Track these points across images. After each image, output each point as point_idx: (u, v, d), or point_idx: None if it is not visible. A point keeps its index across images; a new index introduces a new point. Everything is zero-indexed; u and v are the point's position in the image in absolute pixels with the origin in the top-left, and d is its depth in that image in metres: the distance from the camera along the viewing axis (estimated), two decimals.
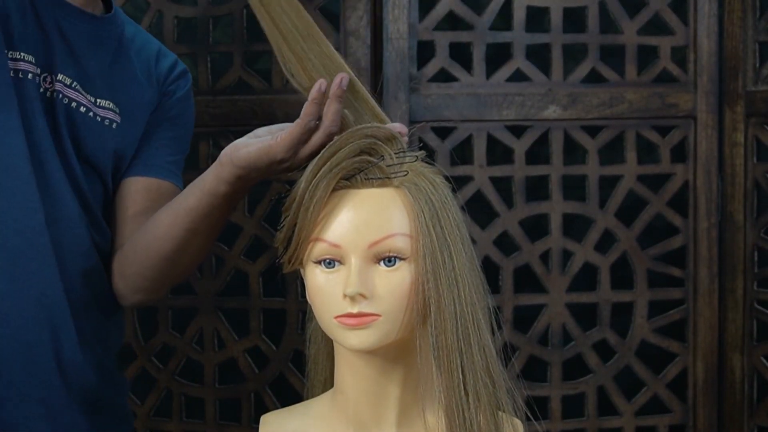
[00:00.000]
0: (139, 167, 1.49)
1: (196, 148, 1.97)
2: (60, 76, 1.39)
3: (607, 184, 2.01)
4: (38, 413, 1.36)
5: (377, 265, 1.09)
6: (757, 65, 1.99)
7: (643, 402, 2.02)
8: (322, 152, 1.10)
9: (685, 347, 2.02)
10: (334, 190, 1.10)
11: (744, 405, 2.00)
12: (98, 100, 1.42)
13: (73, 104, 1.39)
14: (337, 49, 1.93)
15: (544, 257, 1.99)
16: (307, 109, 1.16)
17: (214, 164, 1.26)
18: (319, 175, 1.09)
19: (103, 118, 1.43)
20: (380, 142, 1.10)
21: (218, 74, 2.00)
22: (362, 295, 1.07)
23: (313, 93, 1.16)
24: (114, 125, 1.44)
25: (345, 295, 1.08)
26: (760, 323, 2.00)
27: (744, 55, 1.98)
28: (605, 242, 2.00)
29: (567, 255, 2.00)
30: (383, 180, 1.09)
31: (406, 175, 1.09)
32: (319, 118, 1.17)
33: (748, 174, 1.99)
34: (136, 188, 1.48)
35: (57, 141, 1.37)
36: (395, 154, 1.10)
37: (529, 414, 1.16)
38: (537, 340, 1.99)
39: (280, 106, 1.95)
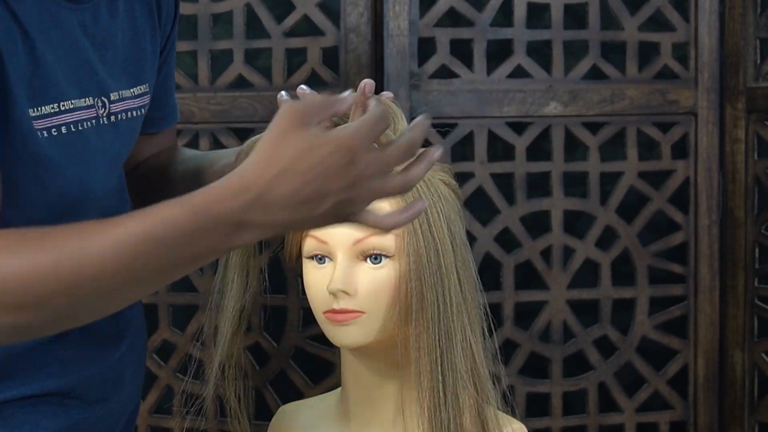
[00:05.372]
0: (163, 121, 1.38)
1: (196, 145, 1.97)
2: (113, 95, 1.17)
3: (608, 180, 2.01)
4: None
5: (364, 262, 1.09)
6: (758, 61, 1.99)
7: (644, 398, 2.02)
8: None
9: (686, 344, 2.02)
10: None
11: (745, 401, 2.00)
12: (133, 89, 1.22)
13: (132, 113, 1.22)
14: (337, 46, 1.95)
15: (545, 254, 1.99)
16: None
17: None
18: None
19: (143, 106, 1.25)
20: None
21: (218, 71, 2.00)
22: (345, 292, 1.08)
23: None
24: (145, 108, 1.26)
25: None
26: (761, 320, 2.00)
27: (745, 52, 1.98)
28: (606, 239, 2.00)
29: (568, 251, 2.00)
30: None
31: None
32: None
33: (748, 170, 1.99)
34: (158, 141, 1.39)
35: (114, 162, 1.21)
36: None
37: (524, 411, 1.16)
38: (538, 337, 1.99)
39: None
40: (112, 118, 1.17)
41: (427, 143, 1.94)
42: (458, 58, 1.96)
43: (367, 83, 1.10)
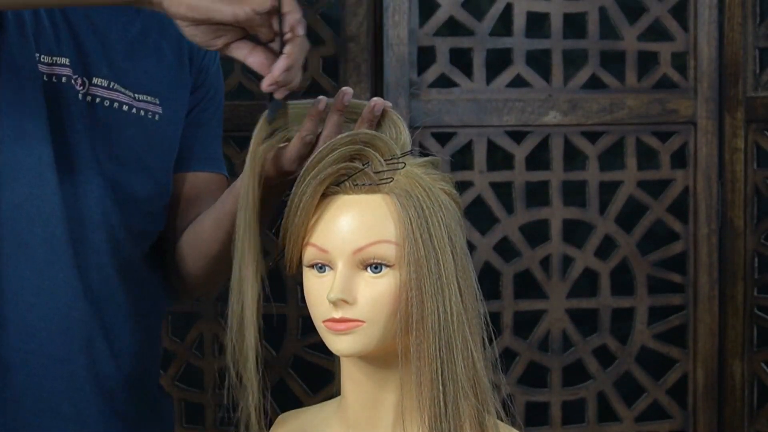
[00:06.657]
0: (199, 161, 1.46)
1: None
2: (95, 80, 1.32)
3: (607, 189, 2.01)
4: (72, 430, 1.31)
5: (364, 271, 1.09)
6: (757, 71, 1.99)
7: (643, 408, 2.02)
8: (311, 158, 1.11)
9: (686, 353, 2.02)
10: (327, 195, 1.10)
11: (744, 411, 2.00)
12: (137, 95, 1.36)
13: (115, 104, 1.33)
14: (337, 55, 1.95)
15: (545, 263, 1.99)
16: (306, 125, 1.18)
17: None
18: (306, 181, 1.10)
19: (146, 112, 1.37)
20: (369, 148, 1.10)
21: None
22: (345, 301, 1.08)
23: (311, 110, 1.17)
24: (156, 117, 1.37)
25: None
26: (760, 329, 2.00)
27: (744, 61, 1.98)
28: (605, 248, 2.00)
29: (567, 261, 2.00)
30: (372, 186, 1.10)
31: (390, 181, 1.09)
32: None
33: (748, 180, 1.99)
34: (196, 183, 1.46)
35: (97, 147, 1.31)
36: (385, 160, 1.10)
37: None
38: (537, 346, 1.99)
39: None
40: (89, 98, 1.30)
41: (427, 152, 1.94)
42: (458, 68, 1.96)
43: (347, 92, 1.17)
